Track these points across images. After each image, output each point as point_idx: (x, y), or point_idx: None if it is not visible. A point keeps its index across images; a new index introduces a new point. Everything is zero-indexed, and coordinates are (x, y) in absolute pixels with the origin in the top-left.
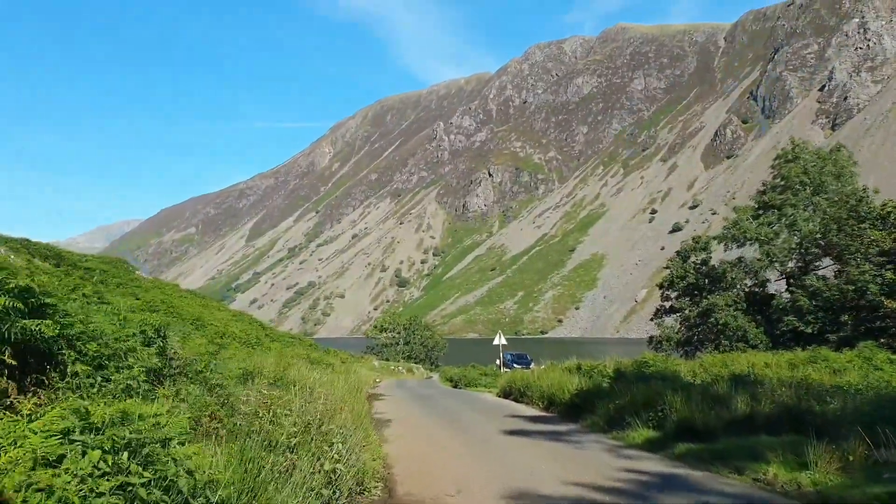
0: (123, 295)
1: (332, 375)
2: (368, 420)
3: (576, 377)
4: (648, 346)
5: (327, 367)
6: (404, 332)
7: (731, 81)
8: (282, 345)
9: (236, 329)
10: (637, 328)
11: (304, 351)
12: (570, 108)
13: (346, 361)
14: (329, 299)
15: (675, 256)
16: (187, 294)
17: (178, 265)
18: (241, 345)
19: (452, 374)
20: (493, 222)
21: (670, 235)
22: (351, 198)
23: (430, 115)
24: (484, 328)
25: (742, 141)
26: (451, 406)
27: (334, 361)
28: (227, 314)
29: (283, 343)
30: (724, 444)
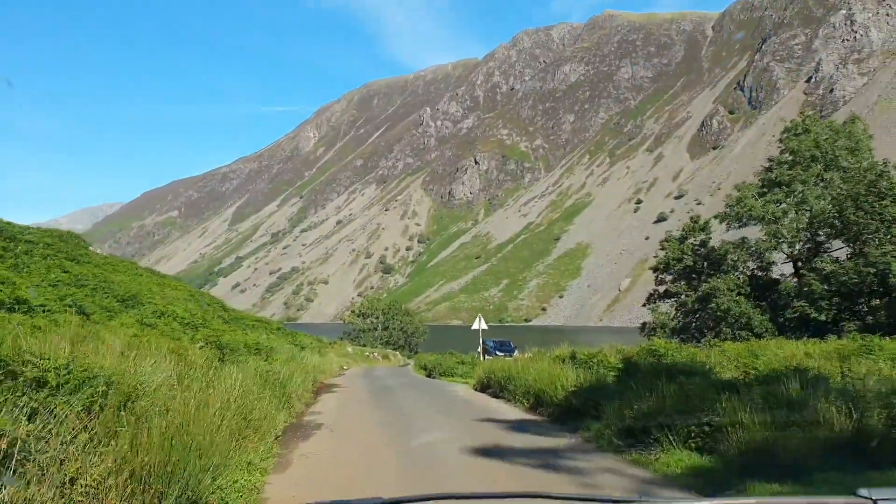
0: (50, 269)
1: (254, 364)
2: (273, 431)
3: (570, 369)
4: (641, 334)
5: (262, 355)
6: (383, 317)
7: (719, 71)
8: (236, 327)
9: (179, 309)
10: (620, 317)
11: (255, 336)
12: (558, 95)
13: (308, 347)
14: (312, 285)
15: (671, 237)
16: (144, 272)
17: (161, 248)
18: (180, 325)
19: (427, 362)
20: (479, 210)
21: (655, 225)
22: (336, 183)
23: (417, 100)
24: (468, 315)
25: (728, 131)
26: (412, 404)
27: (280, 347)
28: (181, 293)
29: (242, 325)
30: (825, 483)
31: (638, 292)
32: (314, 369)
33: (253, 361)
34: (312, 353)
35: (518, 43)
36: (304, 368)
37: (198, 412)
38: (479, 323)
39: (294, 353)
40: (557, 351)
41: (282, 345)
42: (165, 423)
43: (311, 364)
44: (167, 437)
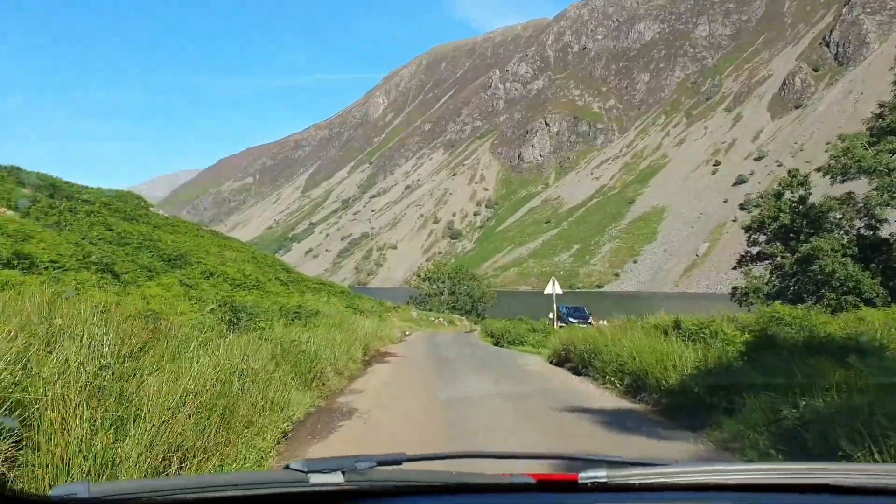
0: (93, 226)
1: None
2: (279, 426)
3: (680, 343)
4: (731, 300)
5: (301, 320)
6: (449, 281)
7: (802, 26)
8: (294, 290)
9: (231, 270)
10: (697, 283)
11: (302, 298)
12: (632, 54)
13: (368, 311)
14: (382, 250)
15: (766, 193)
16: (206, 234)
17: (237, 214)
18: (230, 286)
19: (495, 329)
20: (549, 173)
21: (734, 188)
22: (404, 149)
23: (486, 63)
24: (537, 281)
25: (812, 90)
26: (474, 381)
27: (329, 311)
28: (243, 255)
29: (302, 288)
30: None
31: (716, 257)
32: (367, 336)
33: (281, 328)
34: (372, 317)
35: (590, 1)
36: (352, 336)
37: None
38: (553, 286)
39: (344, 319)
40: (654, 318)
41: (335, 309)
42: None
43: (364, 330)
44: None
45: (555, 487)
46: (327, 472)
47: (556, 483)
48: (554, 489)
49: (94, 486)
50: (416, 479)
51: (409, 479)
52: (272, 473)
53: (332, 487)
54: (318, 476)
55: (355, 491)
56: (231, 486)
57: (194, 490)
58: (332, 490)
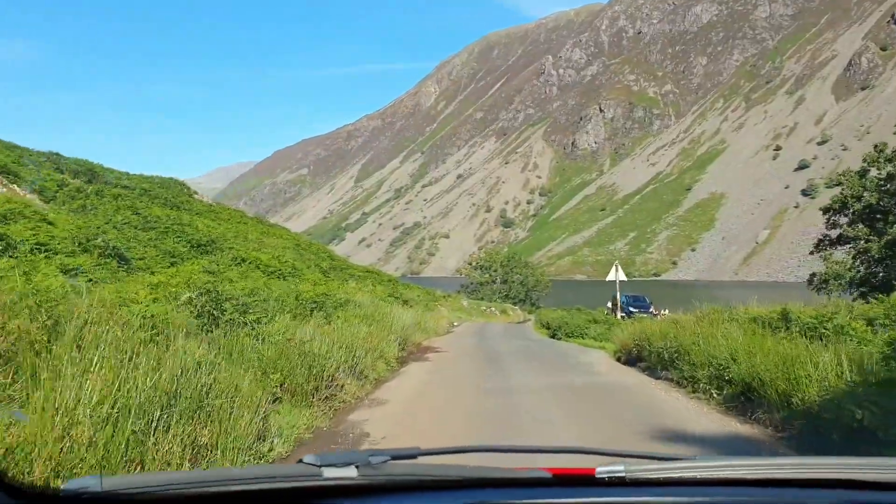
0: (119, 210)
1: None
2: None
3: (802, 343)
4: (809, 287)
5: (324, 311)
6: (501, 269)
7: (869, 4)
8: (336, 278)
9: (266, 256)
10: (758, 271)
11: (357, 286)
12: (688, 38)
13: (413, 301)
14: (434, 239)
15: (849, 172)
16: (250, 221)
17: (292, 205)
18: (262, 273)
19: (551, 319)
20: (604, 160)
21: (796, 173)
22: (456, 137)
23: (538, 49)
24: (593, 270)
25: (880, 70)
26: (529, 386)
27: (363, 301)
28: (286, 242)
29: (345, 276)
30: None
31: (777, 245)
32: (406, 329)
33: (287, 322)
34: (417, 307)
35: None
36: (384, 330)
37: None
38: (616, 273)
39: (379, 309)
40: (755, 309)
41: (371, 298)
42: None
43: (402, 323)
44: None
45: (572, 482)
46: (341, 466)
47: (574, 477)
48: (571, 483)
49: (106, 479)
50: (430, 474)
51: (424, 473)
52: (286, 467)
53: (346, 482)
54: (332, 470)
55: (369, 485)
56: (245, 480)
57: (208, 483)
58: (345, 484)
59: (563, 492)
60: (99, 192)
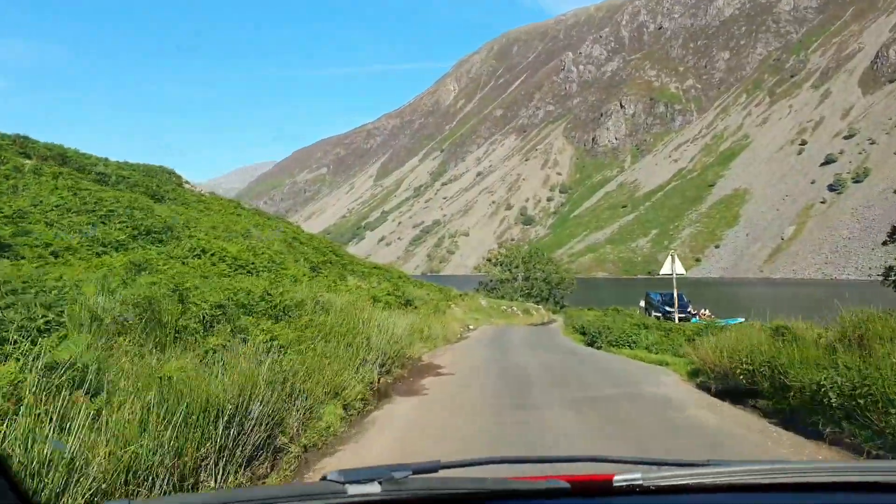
0: (53, 191)
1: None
2: None
3: None
4: (884, 284)
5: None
6: (523, 266)
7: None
8: (330, 274)
9: (236, 248)
10: (784, 268)
11: (355, 283)
12: (710, 32)
13: (420, 300)
14: (454, 237)
15: None
16: (245, 212)
17: (312, 204)
18: (228, 266)
19: (586, 323)
20: (625, 157)
21: (822, 168)
22: (475, 135)
23: (558, 45)
24: (614, 267)
25: None
26: (586, 448)
27: (338, 302)
28: (282, 236)
29: (341, 273)
30: None
31: (804, 241)
32: (397, 342)
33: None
34: (424, 309)
35: None
36: (356, 348)
37: None
38: (672, 264)
39: (352, 316)
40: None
41: (356, 299)
42: None
43: (390, 334)
44: None
45: (590, 490)
46: (364, 482)
47: (592, 485)
48: (589, 492)
49: (134, 502)
50: (451, 487)
51: (445, 487)
52: (310, 486)
53: (370, 498)
54: (356, 487)
55: (392, 500)
56: (269, 499)
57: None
58: (369, 500)
59: (581, 501)
60: (37, 171)
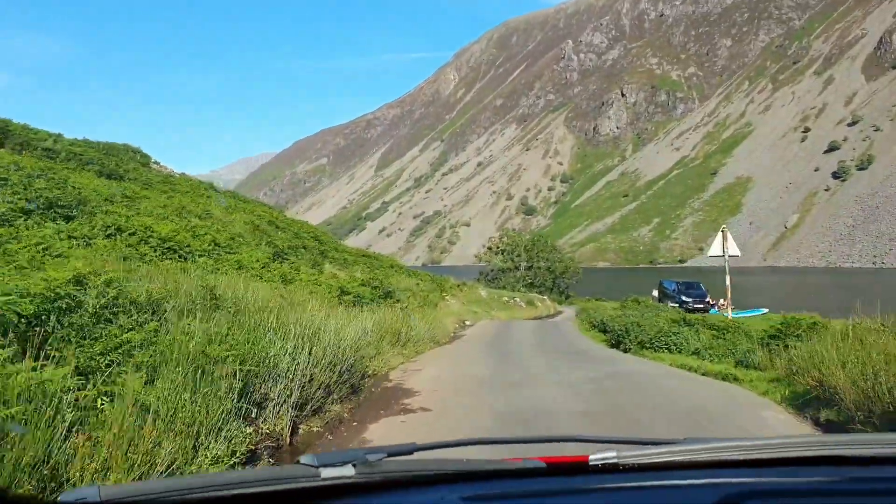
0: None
1: None
2: None
3: None
4: None
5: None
6: (525, 254)
7: None
8: (296, 261)
9: (168, 228)
10: (787, 256)
11: (332, 272)
12: (712, 19)
13: (405, 291)
14: (455, 228)
15: None
16: (213, 194)
17: (312, 195)
18: (151, 249)
19: (606, 317)
20: (627, 145)
21: (825, 155)
22: (476, 125)
23: (558, 34)
24: (616, 257)
25: None
26: None
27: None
28: (246, 217)
29: (316, 260)
30: None
31: (808, 229)
32: (351, 353)
33: None
34: (412, 303)
35: None
36: (251, 374)
37: None
38: (724, 244)
39: (290, 318)
40: None
41: (314, 293)
42: None
43: (343, 340)
44: None
45: (566, 470)
46: (338, 465)
47: (567, 466)
48: (565, 472)
49: (104, 489)
50: (427, 469)
51: (420, 468)
52: (284, 469)
53: (344, 480)
54: (330, 470)
55: (367, 483)
56: (244, 483)
57: (207, 489)
58: (343, 483)
59: (556, 480)
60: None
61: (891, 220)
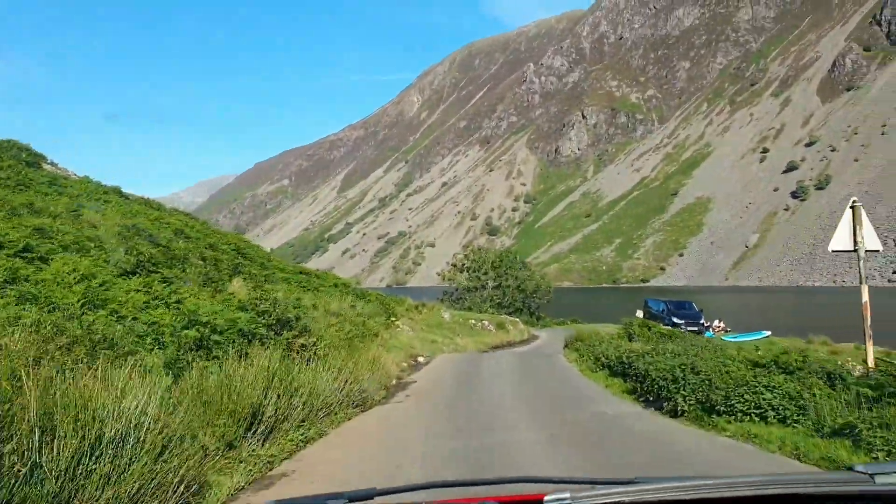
0: None
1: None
2: None
3: None
4: None
5: None
6: (493, 272)
7: (851, 5)
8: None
9: (17, 232)
10: (749, 276)
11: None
12: (671, 42)
13: (320, 324)
14: (419, 248)
15: None
16: (113, 199)
17: (273, 217)
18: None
19: (622, 353)
20: (588, 167)
21: (784, 175)
22: (440, 146)
23: (520, 57)
24: (579, 277)
25: (864, 71)
26: None
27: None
28: (108, 219)
29: (223, 276)
30: None
31: (768, 249)
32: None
33: None
34: (328, 337)
35: None
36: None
37: None
38: (858, 230)
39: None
40: None
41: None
42: None
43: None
44: None
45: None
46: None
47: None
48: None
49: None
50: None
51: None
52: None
53: None
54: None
55: None
56: None
57: None
58: None
59: None
60: None
61: None
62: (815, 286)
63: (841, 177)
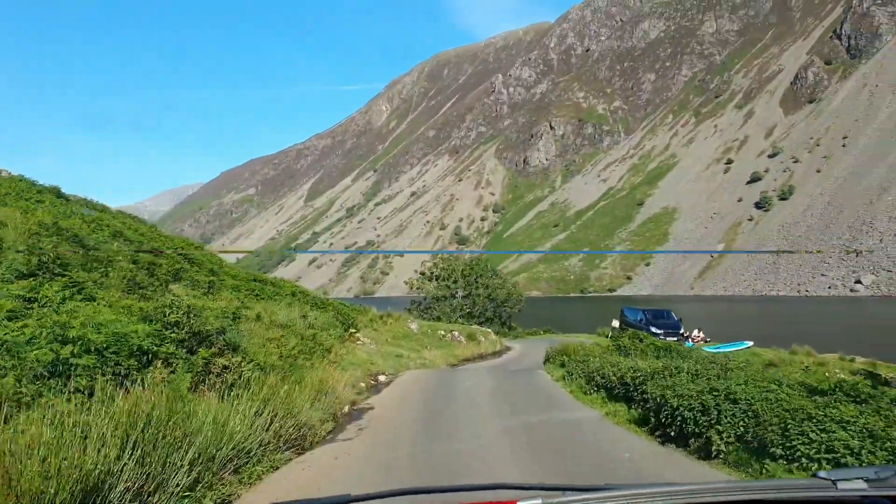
0: None
1: None
2: None
3: None
4: None
5: None
6: (463, 280)
7: (812, 20)
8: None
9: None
10: (714, 285)
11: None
12: (636, 54)
13: (276, 339)
14: (388, 258)
15: None
16: (47, 195)
17: (239, 226)
18: None
19: (624, 373)
20: (556, 177)
21: (748, 186)
22: (409, 156)
23: (488, 68)
24: (548, 286)
25: (825, 84)
26: None
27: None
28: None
29: (139, 280)
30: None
31: (733, 258)
32: None
33: None
34: (267, 359)
35: (593, 2)
36: None
37: None
38: None
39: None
40: None
41: None
42: None
43: None
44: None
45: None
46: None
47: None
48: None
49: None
50: None
51: None
52: None
53: None
54: None
55: None
56: None
57: None
58: None
59: None
60: None
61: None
62: (780, 295)
63: (803, 187)
